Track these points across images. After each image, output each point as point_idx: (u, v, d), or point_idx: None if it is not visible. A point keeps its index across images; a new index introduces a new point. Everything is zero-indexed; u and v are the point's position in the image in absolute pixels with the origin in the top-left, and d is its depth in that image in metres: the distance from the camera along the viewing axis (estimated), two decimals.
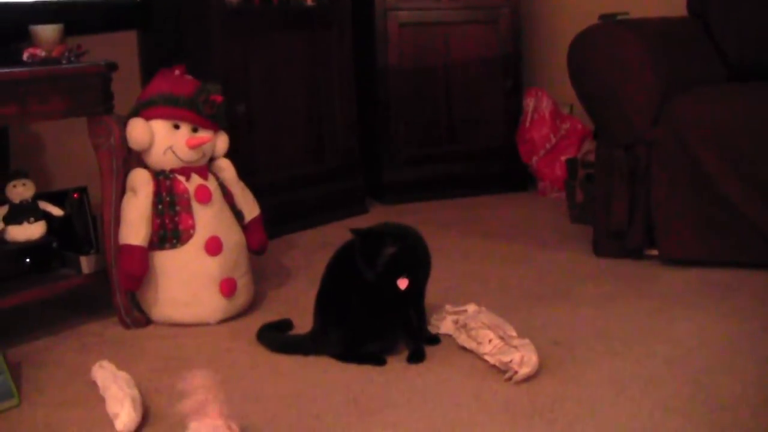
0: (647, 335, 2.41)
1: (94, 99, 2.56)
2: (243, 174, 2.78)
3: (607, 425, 1.93)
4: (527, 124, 4.06)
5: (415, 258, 2.29)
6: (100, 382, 2.15)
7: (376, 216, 3.75)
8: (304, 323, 2.47)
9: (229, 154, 2.74)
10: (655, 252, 2.99)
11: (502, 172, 4.16)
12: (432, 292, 2.44)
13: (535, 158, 4.03)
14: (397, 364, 2.29)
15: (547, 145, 4.01)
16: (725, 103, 2.94)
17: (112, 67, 2.60)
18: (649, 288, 2.79)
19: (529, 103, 4.08)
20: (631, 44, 3.01)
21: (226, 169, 2.71)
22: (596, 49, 3.03)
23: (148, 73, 3.43)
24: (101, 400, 2.08)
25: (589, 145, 3.59)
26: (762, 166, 2.78)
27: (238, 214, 2.72)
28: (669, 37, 3.27)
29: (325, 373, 2.26)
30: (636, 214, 3.01)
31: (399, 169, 4.03)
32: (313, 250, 3.31)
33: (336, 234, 3.50)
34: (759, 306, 2.59)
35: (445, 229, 3.56)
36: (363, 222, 3.64)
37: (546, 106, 4.06)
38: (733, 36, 3.44)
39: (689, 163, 2.90)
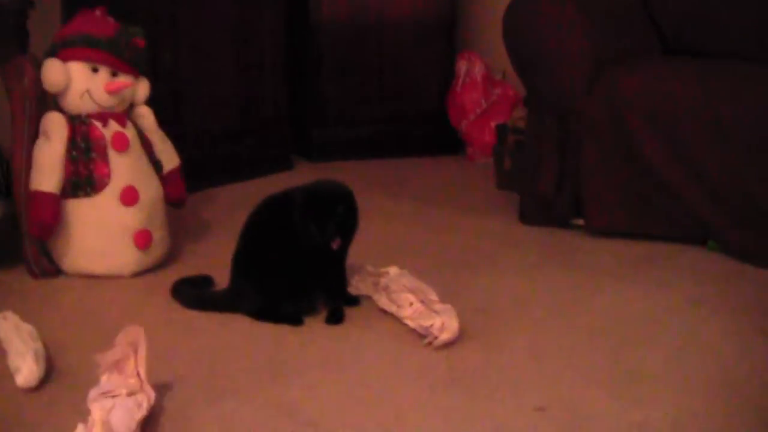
0: (570, 305, 2.40)
1: (6, 38, 2.44)
2: (165, 123, 2.68)
3: (527, 395, 1.90)
4: (458, 88, 4.01)
5: (356, 218, 2.25)
6: (2, 334, 2.05)
7: (301, 173, 3.67)
8: (222, 280, 2.40)
9: (153, 103, 2.64)
10: (581, 222, 2.98)
11: (432, 134, 4.11)
12: (354, 253, 2.39)
13: (464, 122, 3.99)
14: (314, 325, 2.25)
15: (478, 110, 3.96)
16: (659, 76, 2.93)
17: (28, 3, 2.48)
18: (574, 258, 2.78)
19: (462, 66, 4.03)
20: (567, 11, 2.98)
21: (146, 116, 2.61)
22: (532, 15, 2.98)
23: (69, 13, 3.28)
24: (2, 353, 1.99)
25: (519, 112, 3.55)
26: (692, 142, 2.78)
27: (156, 164, 2.62)
28: (606, 7, 3.23)
29: (240, 333, 2.20)
30: (564, 183, 2.99)
31: (328, 127, 3.95)
32: (235, 206, 3.21)
33: (259, 190, 3.38)
34: (682, 278, 2.60)
35: (371, 190, 3.50)
36: (288, 178, 3.57)
37: (478, 70, 4.01)
38: (671, 9, 3.43)
39: (620, 135, 2.88)
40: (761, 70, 2.88)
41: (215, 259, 2.65)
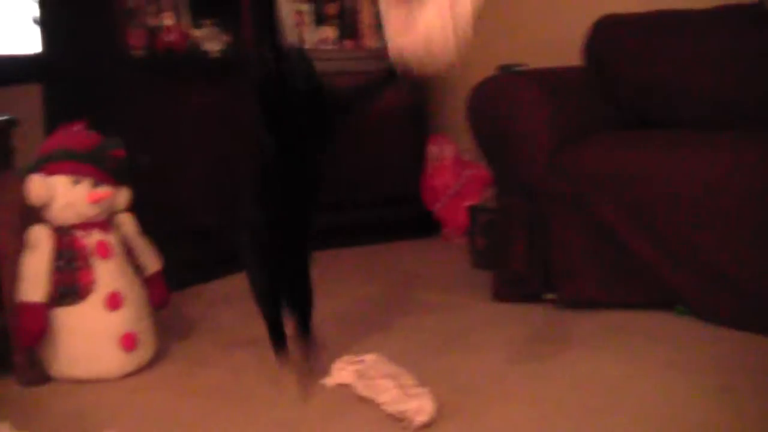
0: (543, 378, 2.47)
1: None
2: (146, 226, 2.78)
3: None
4: (430, 171, 4.13)
5: None
6: None
7: None
8: (207, 375, 2.46)
9: (133, 206, 2.74)
10: (553, 296, 3.07)
11: (409, 218, 4.22)
12: (333, 338, 2.47)
13: (438, 205, 4.11)
14: (295, 416, 2.31)
15: (450, 192, 4.09)
16: (617, 150, 3.05)
17: (12, 123, 2.60)
18: (547, 331, 2.87)
19: (433, 150, 4.16)
20: (528, 94, 3.11)
21: (127, 223, 2.72)
22: (495, 99, 3.12)
23: (52, 128, 3.40)
24: None
25: (489, 192, 3.67)
26: (655, 211, 2.89)
27: (138, 269, 2.72)
28: (565, 86, 3.38)
29: (221, 425, 2.26)
30: (535, 259, 3.09)
31: None
32: (216, 302, 3.32)
33: (239, 285, 3.50)
34: (653, 346, 2.69)
35: (349, 276, 3.60)
36: None
37: (449, 153, 4.14)
38: (627, 85, 3.57)
39: (584, 209, 2.99)
40: (714, 138, 3.01)
41: (198, 357, 2.75)
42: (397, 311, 3.15)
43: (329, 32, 4.06)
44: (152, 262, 2.77)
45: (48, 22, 3.51)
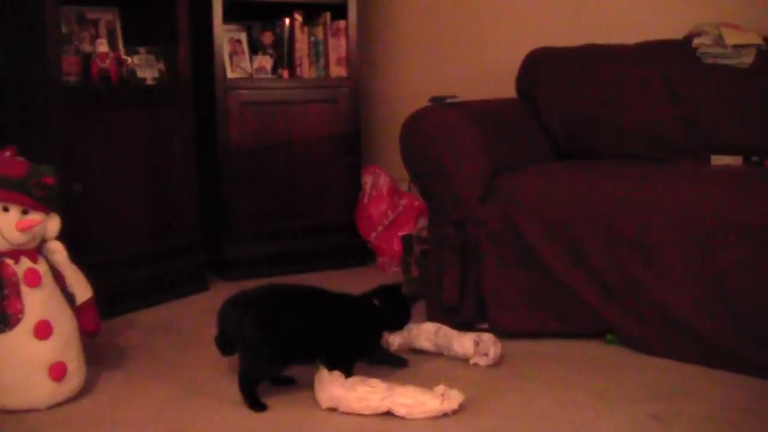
0: (474, 409, 2.48)
1: None
2: (79, 254, 2.75)
3: None
4: (365, 200, 4.15)
5: None
6: None
7: (217, 293, 3.74)
8: (138, 406, 2.43)
9: (65, 234, 2.71)
10: (486, 326, 3.09)
11: (344, 247, 4.23)
12: None
13: (373, 234, 4.12)
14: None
15: (385, 221, 4.11)
16: (549, 181, 3.10)
17: None
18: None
19: (367, 180, 4.18)
20: (459, 125, 3.15)
21: (58, 251, 2.68)
22: (426, 131, 3.15)
23: None
24: None
25: (424, 222, 3.71)
26: (585, 243, 2.94)
27: (69, 297, 2.68)
28: (497, 118, 3.43)
29: None
30: (467, 288, 3.11)
31: (241, 245, 4.04)
32: (151, 330, 3.28)
33: (175, 313, 3.50)
34: (583, 376, 2.73)
35: None
36: (203, 300, 3.65)
37: (383, 183, 4.16)
38: (559, 117, 3.64)
39: (516, 239, 3.03)
40: (646, 170, 3.08)
41: (131, 386, 2.71)
42: None
43: (265, 61, 4.07)
44: (83, 290, 2.72)
45: None
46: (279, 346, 2.53)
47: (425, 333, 2.95)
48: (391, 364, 2.82)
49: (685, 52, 3.44)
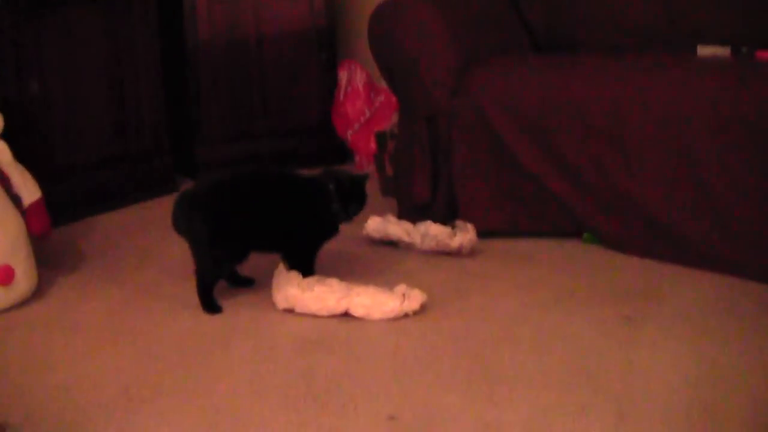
0: (438, 309, 2.39)
1: None
2: (37, 155, 2.64)
3: (381, 404, 1.90)
4: (341, 97, 4.01)
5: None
6: None
7: None
8: (88, 311, 2.35)
9: (22, 135, 2.59)
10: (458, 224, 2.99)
11: (319, 147, 4.10)
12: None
13: (350, 132, 3.99)
14: (173, 351, 2.21)
15: (362, 119, 3.97)
16: (524, 74, 2.96)
17: None
18: (450, 260, 2.78)
19: (343, 76, 4.02)
20: (430, 14, 2.99)
21: (1, 151, 2.56)
22: (395, 20, 2.99)
23: None
24: None
25: (397, 118, 3.57)
26: (558, 137, 2.81)
27: (15, 198, 2.56)
28: (471, 7, 3.26)
29: (98, 362, 2.16)
30: (439, 186, 3.00)
31: (212, 146, 3.91)
32: (113, 233, 3.18)
33: (140, 215, 3.39)
34: (554, 276, 2.63)
35: None
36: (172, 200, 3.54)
37: (360, 78, 4.01)
38: (539, 8, 3.48)
39: (488, 135, 2.90)
40: (624, 62, 2.95)
41: (85, 290, 2.62)
42: None
43: None
44: (31, 191, 2.61)
45: None
46: (228, 242, 2.42)
47: (401, 222, 2.92)
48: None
49: None
